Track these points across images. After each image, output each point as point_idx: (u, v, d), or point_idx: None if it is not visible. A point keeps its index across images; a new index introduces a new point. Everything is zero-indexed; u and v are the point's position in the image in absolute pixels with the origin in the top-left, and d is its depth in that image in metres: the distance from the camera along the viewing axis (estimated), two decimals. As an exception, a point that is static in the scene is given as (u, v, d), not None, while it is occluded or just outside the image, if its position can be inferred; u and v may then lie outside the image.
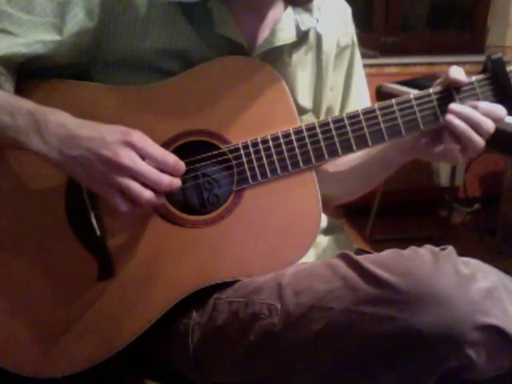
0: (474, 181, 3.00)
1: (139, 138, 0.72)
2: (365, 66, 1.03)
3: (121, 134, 0.71)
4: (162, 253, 0.79)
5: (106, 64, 0.81)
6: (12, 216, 0.79)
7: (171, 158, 0.74)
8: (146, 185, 0.71)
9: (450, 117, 0.79)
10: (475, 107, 0.79)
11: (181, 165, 0.75)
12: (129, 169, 0.70)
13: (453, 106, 0.80)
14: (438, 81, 0.83)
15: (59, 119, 0.73)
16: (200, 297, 0.79)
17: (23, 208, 0.79)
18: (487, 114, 0.79)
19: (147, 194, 0.71)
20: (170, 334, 0.81)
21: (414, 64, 2.83)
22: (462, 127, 0.79)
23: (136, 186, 0.71)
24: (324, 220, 0.95)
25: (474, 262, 0.69)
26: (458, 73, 0.80)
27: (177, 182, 0.74)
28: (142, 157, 0.72)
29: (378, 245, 2.57)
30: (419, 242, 0.74)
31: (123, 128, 0.73)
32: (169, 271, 0.79)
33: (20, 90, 0.79)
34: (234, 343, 0.75)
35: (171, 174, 0.74)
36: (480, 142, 0.79)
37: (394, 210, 2.76)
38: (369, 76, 1.02)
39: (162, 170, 0.73)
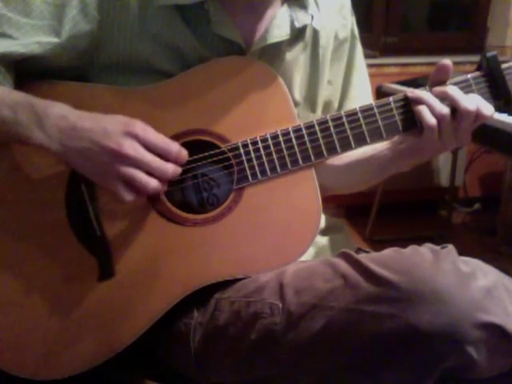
0: (473, 181, 3.00)
1: (141, 127, 0.72)
2: (365, 65, 1.03)
3: (122, 124, 0.72)
4: (162, 252, 0.79)
5: (104, 66, 0.82)
6: (12, 219, 0.79)
7: (174, 146, 0.74)
8: (150, 174, 0.72)
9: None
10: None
11: (183, 152, 0.75)
12: (133, 159, 0.70)
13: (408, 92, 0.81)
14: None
15: (60, 111, 0.73)
16: (201, 296, 0.79)
17: (24, 211, 0.79)
18: (441, 96, 0.79)
19: (153, 182, 0.72)
20: (171, 333, 0.81)
21: (414, 64, 2.82)
22: (416, 109, 0.79)
23: (142, 176, 0.71)
24: (322, 220, 0.95)
25: (474, 261, 0.69)
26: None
27: (178, 170, 0.75)
28: (145, 146, 0.72)
29: (378, 245, 2.57)
30: (419, 242, 0.73)
31: (124, 118, 0.73)
32: (170, 270, 0.79)
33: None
34: (236, 342, 0.75)
35: (175, 162, 0.74)
36: (430, 119, 0.78)
37: (394, 210, 2.76)
38: (369, 76, 1.02)
39: (165, 159, 0.73)
